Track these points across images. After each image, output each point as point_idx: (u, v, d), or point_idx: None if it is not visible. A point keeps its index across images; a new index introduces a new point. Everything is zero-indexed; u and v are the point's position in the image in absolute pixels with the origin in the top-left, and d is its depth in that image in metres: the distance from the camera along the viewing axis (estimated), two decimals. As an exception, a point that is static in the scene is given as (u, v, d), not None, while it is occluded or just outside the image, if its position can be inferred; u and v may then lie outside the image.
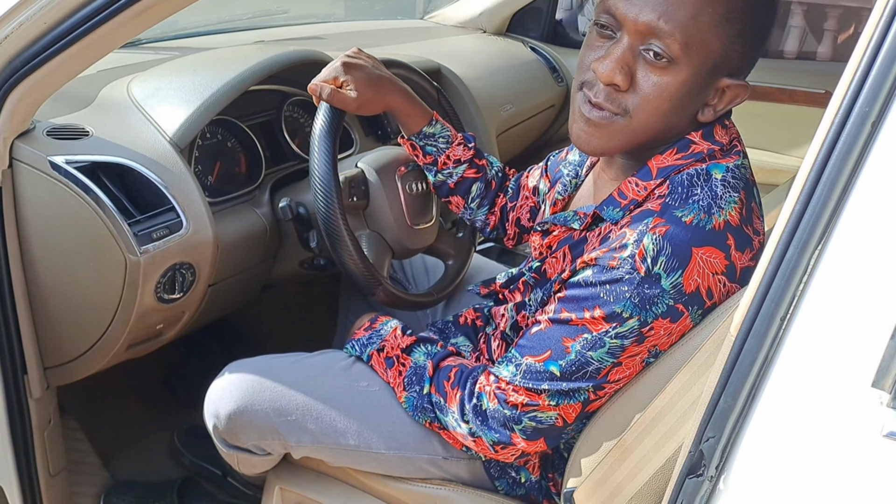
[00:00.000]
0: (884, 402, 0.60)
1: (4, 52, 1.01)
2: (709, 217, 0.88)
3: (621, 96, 0.91)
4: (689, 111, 0.93)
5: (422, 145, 1.28)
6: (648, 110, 0.90)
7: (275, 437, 1.12)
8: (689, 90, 0.90)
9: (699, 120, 0.94)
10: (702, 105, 0.93)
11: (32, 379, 1.20)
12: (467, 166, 1.30)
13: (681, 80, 0.88)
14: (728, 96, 0.93)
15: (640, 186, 0.94)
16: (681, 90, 0.89)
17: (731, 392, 0.68)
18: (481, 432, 0.99)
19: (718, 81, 0.91)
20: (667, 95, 0.89)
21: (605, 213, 0.96)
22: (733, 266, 0.89)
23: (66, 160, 1.10)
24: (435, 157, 1.29)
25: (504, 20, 2.61)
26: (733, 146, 0.96)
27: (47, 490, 1.30)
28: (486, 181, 1.33)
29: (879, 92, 0.61)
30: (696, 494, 0.70)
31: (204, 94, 1.27)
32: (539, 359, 0.94)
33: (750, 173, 0.97)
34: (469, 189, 1.32)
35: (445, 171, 1.30)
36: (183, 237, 1.16)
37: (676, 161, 0.93)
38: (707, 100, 0.93)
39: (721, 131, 0.95)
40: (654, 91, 0.89)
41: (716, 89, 0.92)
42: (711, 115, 0.93)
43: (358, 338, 1.17)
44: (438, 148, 1.28)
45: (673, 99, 0.89)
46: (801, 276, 0.64)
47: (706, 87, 0.91)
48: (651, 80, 0.89)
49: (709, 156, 0.93)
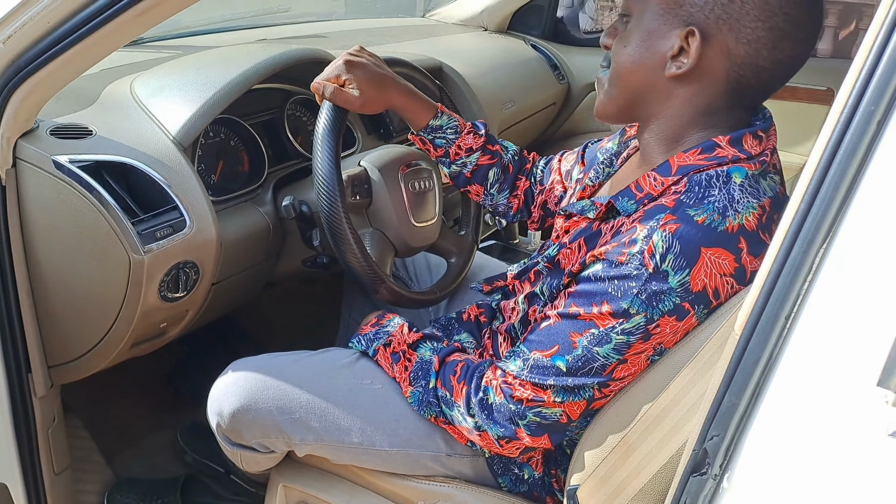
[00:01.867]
0: (889, 402, 0.59)
1: (8, 51, 1.01)
2: (723, 219, 0.88)
3: (609, 56, 1.00)
4: (653, 62, 0.94)
5: (431, 139, 1.28)
6: (617, 58, 0.98)
7: (278, 434, 1.12)
8: (644, 35, 0.94)
9: (667, 76, 0.94)
10: (664, 59, 0.93)
11: (36, 377, 1.21)
12: (480, 153, 1.30)
13: (635, 25, 0.96)
14: (694, 49, 0.91)
15: (657, 181, 0.95)
16: (636, 37, 0.95)
17: (736, 390, 0.68)
18: (487, 426, 1.00)
19: (677, 31, 0.91)
20: (627, 41, 0.96)
21: (619, 203, 0.97)
22: (743, 269, 0.89)
23: (69, 159, 1.10)
24: (446, 149, 1.29)
25: (505, 18, 2.61)
26: (763, 158, 0.95)
27: (51, 488, 1.30)
28: (503, 166, 1.33)
29: (885, 90, 0.60)
30: (700, 493, 0.70)
31: (207, 93, 1.27)
32: (546, 353, 0.95)
33: (781, 189, 0.96)
34: (486, 176, 1.32)
35: (459, 161, 1.30)
36: (186, 236, 1.16)
37: (698, 161, 0.93)
38: (668, 53, 0.93)
39: (752, 141, 0.94)
40: (618, 41, 0.98)
41: (681, 39, 0.91)
42: (676, 71, 0.93)
43: (365, 333, 1.18)
44: (448, 139, 1.28)
45: (630, 45, 0.96)
46: (806, 274, 0.64)
47: (662, 35, 0.93)
48: (620, 32, 0.98)
49: (732, 161, 0.93)
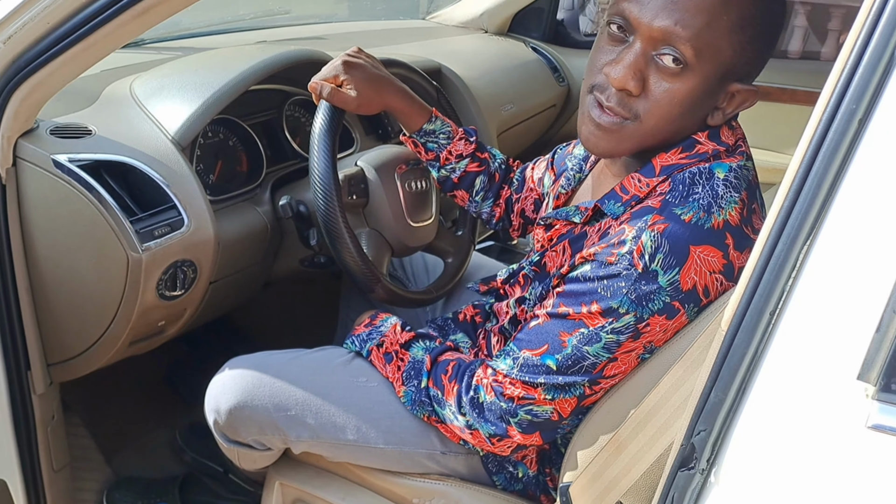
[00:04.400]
0: (869, 394, 0.60)
1: (8, 51, 1.02)
2: (708, 216, 0.89)
3: (632, 101, 0.91)
4: (699, 115, 0.93)
5: (423, 142, 1.30)
6: (659, 115, 0.91)
7: (274, 431, 1.13)
8: (700, 95, 0.90)
9: (709, 123, 0.94)
10: (711, 109, 0.93)
11: (36, 375, 1.21)
12: (469, 160, 1.31)
13: (692, 85, 0.89)
14: (737, 100, 0.93)
15: (642, 182, 0.95)
16: (691, 95, 0.89)
17: (722, 386, 0.68)
18: (478, 425, 1.00)
19: (729, 86, 0.91)
20: (678, 101, 0.89)
21: (606, 207, 0.97)
22: (731, 265, 0.90)
23: (69, 158, 1.11)
24: (437, 154, 1.31)
25: (505, 20, 2.61)
26: (738, 146, 0.96)
27: (50, 486, 1.31)
28: (490, 174, 1.34)
29: (866, 89, 0.61)
30: (687, 487, 0.71)
31: (206, 94, 1.28)
32: (536, 352, 0.95)
33: (753, 174, 0.98)
34: (473, 182, 1.33)
35: (448, 166, 1.31)
36: (184, 235, 1.17)
37: (680, 160, 0.94)
38: (716, 104, 0.93)
39: (727, 132, 0.96)
40: (666, 97, 0.89)
41: (726, 93, 0.92)
42: (721, 119, 0.94)
43: (358, 333, 1.18)
44: (440, 144, 1.30)
45: (684, 104, 0.90)
46: (790, 271, 0.65)
47: (717, 93, 0.91)
48: (663, 86, 0.89)
49: (713, 156, 0.94)
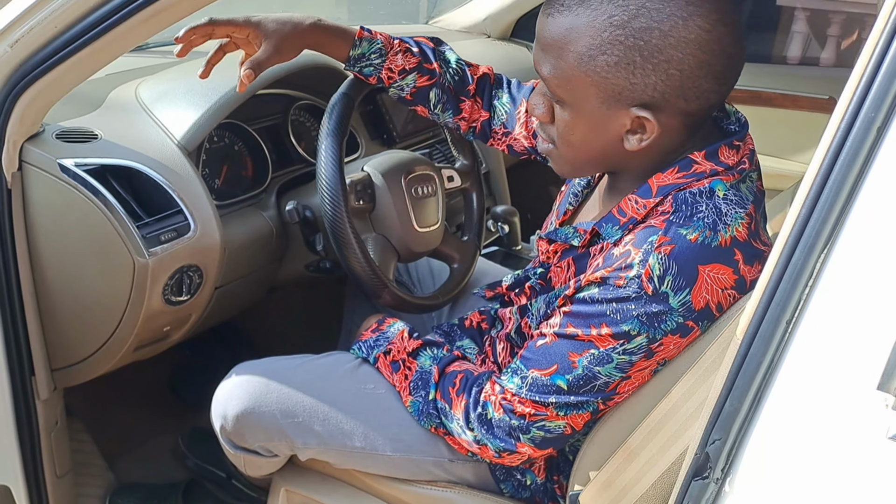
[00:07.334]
0: (889, 405, 0.60)
1: (15, 55, 1.02)
2: (714, 234, 0.88)
3: (548, 128, 0.96)
4: (606, 140, 0.92)
5: (358, 70, 1.21)
6: (564, 142, 0.95)
7: (281, 438, 1.13)
8: (590, 124, 0.91)
9: (626, 148, 0.91)
10: (619, 135, 0.91)
11: (40, 380, 1.21)
12: (417, 74, 1.21)
13: (574, 114, 0.91)
14: (650, 129, 0.89)
15: (639, 204, 0.93)
16: (581, 124, 0.92)
17: (737, 395, 0.68)
18: (486, 440, 1.00)
19: (625, 112, 0.88)
20: (570, 129, 0.93)
21: (603, 230, 0.95)
22: (743, 279, 0.89)
23: (75, 163, 1.11)
24: (377, 76, 1.21)
25: (508, 25, 2.61)
26: (741, 164, 0.94)
27: (53, 491, 1.30)
28: (442, 86, 1.24)
29: (885, 97, 0.61)
30: (701, 496, 0.70)
31: (211, 98, 1.28)
32: (545, 372, 0.94)
33: (759, 186, 0.96)
34: (427, 97, 1.24)
35: (395, 84, 1.22)
36: (190, 240, 1.16)
37: (677, 179, 0.92)
38: (622, 130, 0.90)
39: (728, 151, 0.93)
40: (562, 125, 0.93)
41: (632, 119, 0.89)
42: (636, 144, 0.90)
43: (365, 339, 1.17)
44: (374, 65, 1.20)
45: (577, 132, 0.92)
46: (807, 280, 0.64)
47: (610, 119, 0.89)
48: (559, 114, 0.93)
49: (711, 175, 0.92)
